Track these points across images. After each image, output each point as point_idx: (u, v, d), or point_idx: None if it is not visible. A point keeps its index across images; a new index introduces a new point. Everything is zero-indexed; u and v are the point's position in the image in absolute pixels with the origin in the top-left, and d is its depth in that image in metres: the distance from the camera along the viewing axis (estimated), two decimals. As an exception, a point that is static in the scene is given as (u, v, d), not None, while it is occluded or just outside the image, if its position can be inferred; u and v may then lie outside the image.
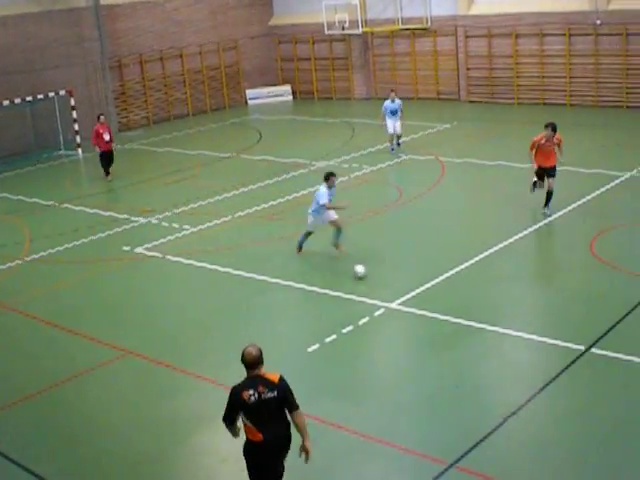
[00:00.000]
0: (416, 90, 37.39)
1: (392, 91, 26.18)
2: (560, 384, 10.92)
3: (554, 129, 17.83)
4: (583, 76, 32.77)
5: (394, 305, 13.79)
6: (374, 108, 34.60)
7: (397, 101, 25.43)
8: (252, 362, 7.81)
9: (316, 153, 26.49)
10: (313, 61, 40.44)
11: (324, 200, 16.13)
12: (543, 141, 17.75)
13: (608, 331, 12.22)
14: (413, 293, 14.21)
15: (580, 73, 32.83)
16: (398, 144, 25.78)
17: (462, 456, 9.37)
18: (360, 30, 36.85)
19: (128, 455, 10.16)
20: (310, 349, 12.43)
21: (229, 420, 7.91)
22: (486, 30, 34.75)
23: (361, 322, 13.23)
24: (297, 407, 7.85)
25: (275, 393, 7.72)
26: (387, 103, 25.50)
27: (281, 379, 7.85)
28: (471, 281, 14.77)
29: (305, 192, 21.37)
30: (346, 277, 15.29)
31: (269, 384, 7.76)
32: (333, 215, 16.41)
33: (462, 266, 15.31)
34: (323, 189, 16.25)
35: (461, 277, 14.91)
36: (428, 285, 14.51)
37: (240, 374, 7.93)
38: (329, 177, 16.39)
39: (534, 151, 17.90)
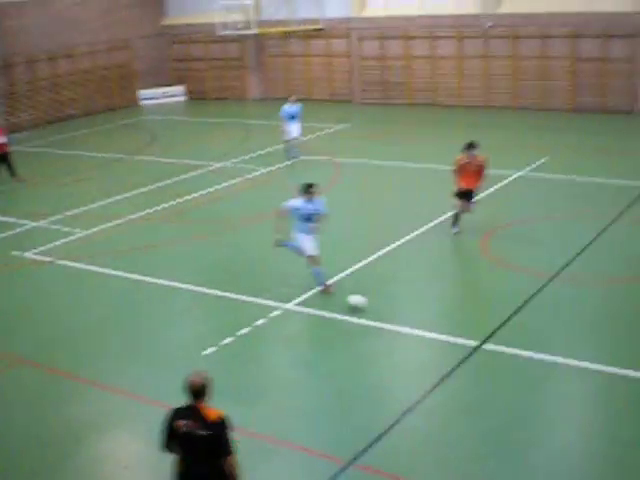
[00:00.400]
0: (310, 91, 37.55)
1: (291, 96, 25.53)
2: (455, 379, 11.12)
3: (470, 147, 16.89)
4: (474, 78, 33.54)
5: (290, 306, 13.78)
6: (269, 109, 34.62)
7: (296, 105, 24.87)
8: (192, 392, 7.17)
9: (211, 154, 26.29)
10: (207, 61, 40.16)
11: (284, 205, 14.13)
12: (463, 162, 16.87)
13: (500, 326, 12.50)
14: (309, 293, 14.22)
15: (471, 75, 33.59)
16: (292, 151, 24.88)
17: (360, 454, 9.41)
18: (254, 31, 36.77)
19: (24, 466, 9.80)
20: (206, 352, 12.28)
21: (165, 446, 7.29)
22: (379, 32, 35.17)
23: (257, 324, 13.16)
24: (229, 452, 7.10)
25: (206, 432, 7.03)
26: (286, 107, 24.80)
27: (219, 419, 7.11)
28: (366, 281, 14.87)
29: (202, 193, 21.20)
30: (242, 278, 15.21)
31: (203, 421, 7.07)
32: (311, 248, 14.24)
33: (356, 266, 15.43)
34: (295, 200, 14.16)
35: (355, 277, 15.01)
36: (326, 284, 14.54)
37: (136, 378, 7.73)
38: (307, 189, 14.04)
39: (456, 171, 16.97)
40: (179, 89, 40.48)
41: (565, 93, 31.79)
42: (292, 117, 24.63)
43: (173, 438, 7.18)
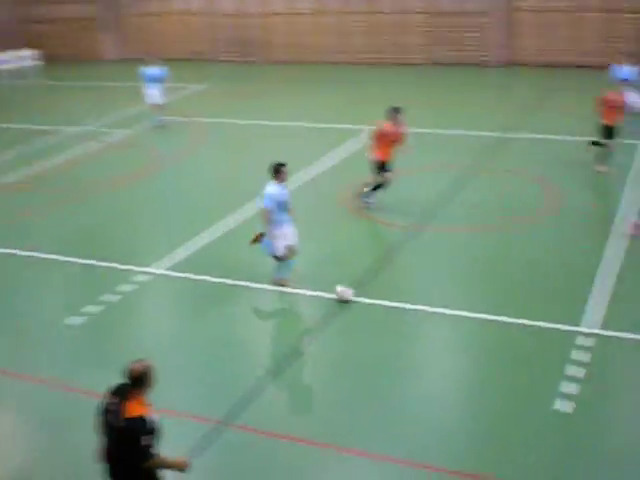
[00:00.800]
0: (169, 50, 36.76)
1: (151, 57, 23.68)
2: (324, 332, 11.24)
3: (395, 112, 15.94)
4: (333, 34, 33.68)
5: (159, 271, 13.56)
6: (126, 70, 33.78)
7: (159, 67, 23.20)
8: (130, 378, 6.80)
9: (67, 118, 25.46)
10: (61, 22, 38.73)
11: (264, 203, 12.07)
12: (385, 130, 15.83)
13: (368, 280, 12.70)
14: (177, 257, 14.03)
15: (329, 32, 33.71)
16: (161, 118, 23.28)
17: (234, 414, 9.42)
18: (107, -11, 35.72)
19: None
20: (71, 321, 11.97)
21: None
22: (236, -11, 34.76)
23: (124, 289, 12.91)
24: (140, 459, 6.48)
25: (117, 424, 6.53)
26: (147, 69, 23.12)
27: (135, 419, 6.52)
28: (235, 241, 14.80)
29: (59, 158, 20.55)
30: (105, 244, 14.88)
31: (118, 412, 6.57)
32: (290, 236, 12.49)
33: (223, 227, 15.32)
34: (271, 186, 12.13)
35: (222, 238, 14.92)
36: (191, 248, 14.39)
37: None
38: (279, 169, 12.14)
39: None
40: (31, 52, 38.87)
41: (422, 47, 32.33)
42: (154, 80, 23.23)
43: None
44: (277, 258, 12.57)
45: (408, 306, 11.84)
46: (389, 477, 8.37)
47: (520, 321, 11.27)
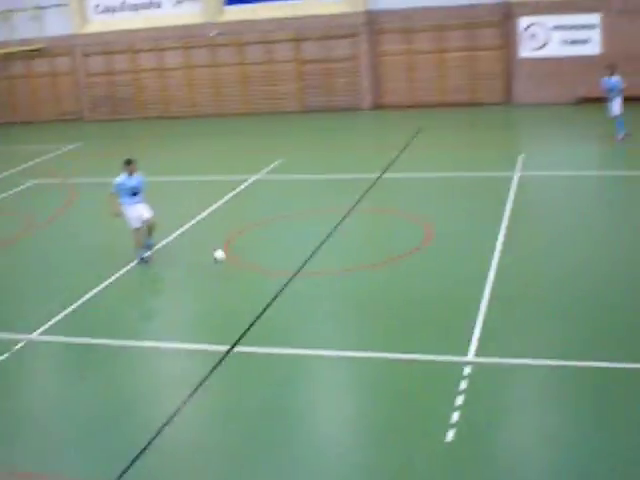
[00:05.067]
0: (37, 113, 36.23)
1: (130, 163, 16.05)
2: (209, 386, 11.11)
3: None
4: (204, 87, 33.82)
5: (34, 336, 13.16)
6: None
7: (137, 176, 16.25)
8: None
9: None
10: None
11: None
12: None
13: (249, 328, 12.66)
14: (53, 321, 13.64)
15: (200, 84, 33.83)
16: (149, 243, 16.41)
17: (120, 475, 9.18)
18: (-31, 55, 34.91)
19: None
20: (-56, 397, 11.47)
21: None
22: (104, 47, 34.54)
23: (1, 358, 12.47)
24: None
25: None
26: (123, 179, 16.00)
27: None
28: (110, 302, 14.50)
29: None
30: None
31: None
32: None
33: (100, 287, 14.98)
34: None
35: (100, 298, 14.59)
36: (68, 311, 14.01)
37: None
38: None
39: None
40: None
41: (293, 95, 32.81)
42: (134, 193, 16.06)
43: None
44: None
45: (290, 351, 11.85)
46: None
47: (407, 356, 11.42)
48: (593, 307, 12.66)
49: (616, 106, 23.15)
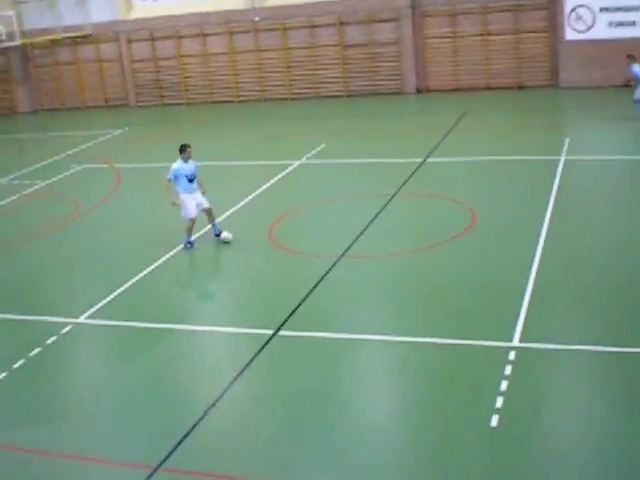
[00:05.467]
0: (84, 99, 36.62)
1: (186, 149, 16.02)
2: (254, 369, 11.20)
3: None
4: (248, 72, 33.91)
5: (82, 320, 13.36)
6: (41, 121, 33.57)
7: (192, 162, 16.19)
8: None
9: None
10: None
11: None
12: None
13: (293, 312, 12.73)
14: (100, 305, 13.84)
15: (244, 69, 33.94)
16: (214, 225, 16.53)
17: (166, 457, 9.30)
18: (18, 41, 35.32)
19: None
20: (-4, 378, 11.72)
21: None
22: (148, 33, 34.78)
23: (49, 342, 12.68)
24: None
25: None
26: (180, 165, 15.99)
27: None
28: (158, 283, 14.71)
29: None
30: (27, 298, 14.63)
31: None
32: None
33: (146, 271, 15.17)
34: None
35: (146, 282, 14.78)
36: (114, 294, 14.20)
37: None
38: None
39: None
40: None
41: (337, 80, 32.75)
42: (190, 180, 16.08)
43: None
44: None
45: (334, 335, 11.88)
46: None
47: (452, 341, 11.39)
48: (637, 294, 12.50)
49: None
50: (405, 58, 31.72)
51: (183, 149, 15.90)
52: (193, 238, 16.33)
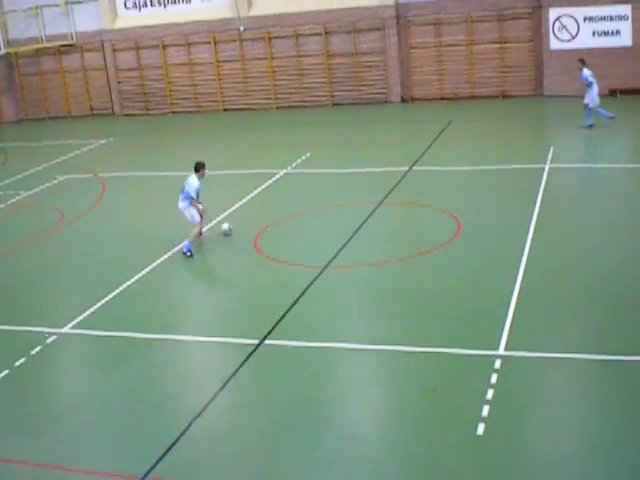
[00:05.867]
0: (69, 108, 36.51)
1: (203, 167, 16.74)
2: (240, 379, 11.19)
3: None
4: (233, 81, 33.91)
5: (66, 329, 13.30)
6: (25, 130, 33.45)
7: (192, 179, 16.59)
8: None
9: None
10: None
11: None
12: None
13: (278, 322, 12.71)
14: (85, 314, 13.79)
15: (229, 78, 33.93)
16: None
17: (152, 467, 9.27)
18: (3, 51, 35.22)
19: None
20: (-20, 389, 11.64)
21: None
22: (133, 42, 34.73)
23: (34, 352, 12.61)
24: None
25: None
26: (199, 184, 16.56)
27: None
28: (142, 294, 14.67)
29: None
30: (10, 308, 14.55)
31: None
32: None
33: (131, 280, 15.13)
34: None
35: (132, 291, 14.73)
36: (99, 304, 14.15)
37: None
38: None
39: None
40: None
41: (322, 89, 32.79)
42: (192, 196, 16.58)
43: None
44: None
45: (320, 344, 11.88)
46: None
47: (438, 349, 11.42)
48: (623, 301, 12.55)
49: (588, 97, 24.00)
50: (390, 67, 31.81)
51: (201, 167, 16.55)
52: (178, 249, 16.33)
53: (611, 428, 9.26)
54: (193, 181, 16.38)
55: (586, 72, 24.04)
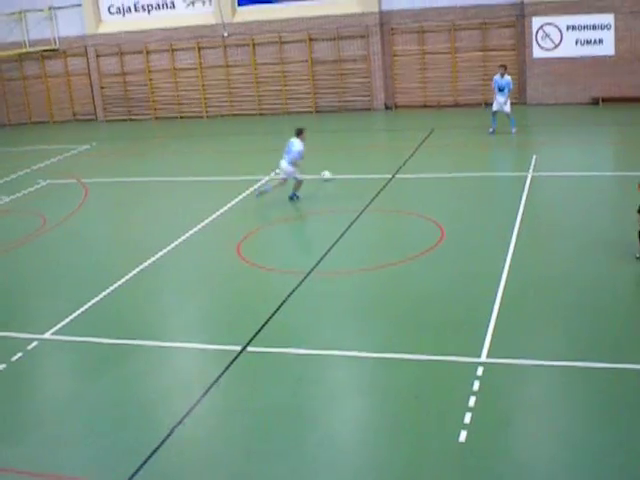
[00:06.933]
0: (51, 113, 36.38)
1: (303, 132, 19.78)
2: (222, 386, 11.14)
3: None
4: (217, 87, 33.89)
5: (48, 336, 13.22)
6: (7, 135, 33.31)
7: None
8: None
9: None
10: None
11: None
12: None
13: (261, 328, 12.68)
14: (67, 320, 13.70)
15: (213, 85, 33.91)
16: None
17: (132, 475, 9.20)
18: (-17, 55, 35.10)
19: None
20: (-41, 396, 11.53)
21: None
22: (117, 48, 34.66)
23: (14, 359, 12.52)
24: None
25: None
26: (302, 146, 19.43)
27: None
28: (125, 300, 14.59)
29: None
30: (-7, 313, 14.48)
31: None
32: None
33: (113, 286, 15.06)
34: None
35: (113, 298, 14.66)
36: (81, 310, 14.07)
37: None
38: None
39: None
40: None
41: (306, 96, 32.83)
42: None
43: None
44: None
45: (303, 351, 11.85)
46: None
47: (420, 357, 11.40)
48: (604, 308, 12.61)
49: (501, 103, 25.33)
50: (374, 75, 31.90)
51: (302, 132, 19.39)
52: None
53: (593, 435, 9.29)
54: (296, 144, 19.03)
55: (496, 77, 25.33)
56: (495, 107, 25.50)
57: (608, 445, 9.02)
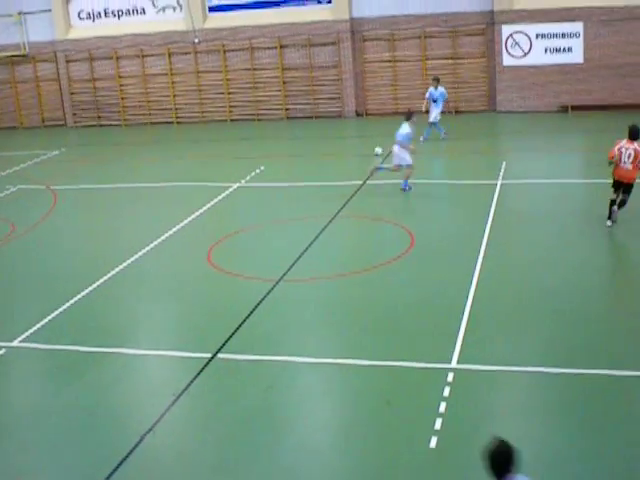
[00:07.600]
0: (20, 119, 36.07)
1: (412, 115, 20.93)
2: (192, 393, 11.09)
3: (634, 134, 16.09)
4: (187, 94, 33.79)
5: (16, 343, 13.09)
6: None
7: None
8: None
9: None
10: None
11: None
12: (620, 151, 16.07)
13: (232, 335, 12.64)
14: (35, 328, 13.58)
15: (183, 91, 33.81)
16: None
17: (102, 484, 9.15)
18: (-48, 61, 34.74)
19: None
20: None
21: None
22: (87, 53, 34.44)
23: (-20, 366, 12.41)
24: None
25: None
26: (410, 129, 20.52)
27: None
28: (95, 307, 14.48)
29: None
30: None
31: None
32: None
33: (83, 293, 14.94)
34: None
35: (82, 305, 14.54)
36: (50, 317, 13.95)
37: None
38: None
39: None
40: None
41: (277, 102, 32.82)
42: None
43: None
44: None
45: (273, 358, 11.85)
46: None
47: (391, 363, 11.45)
48: (575, 314, 12.72)
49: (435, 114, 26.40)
50: (345, 82, 31.95)
51: (411, 115, 20.11)
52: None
53: (564, 439, 9.35)
54: (404, 128, 19.63)
55: (431, 90, 26.62)
56: (431, 118, 26.32)
57: (580, 450, 9.08)
